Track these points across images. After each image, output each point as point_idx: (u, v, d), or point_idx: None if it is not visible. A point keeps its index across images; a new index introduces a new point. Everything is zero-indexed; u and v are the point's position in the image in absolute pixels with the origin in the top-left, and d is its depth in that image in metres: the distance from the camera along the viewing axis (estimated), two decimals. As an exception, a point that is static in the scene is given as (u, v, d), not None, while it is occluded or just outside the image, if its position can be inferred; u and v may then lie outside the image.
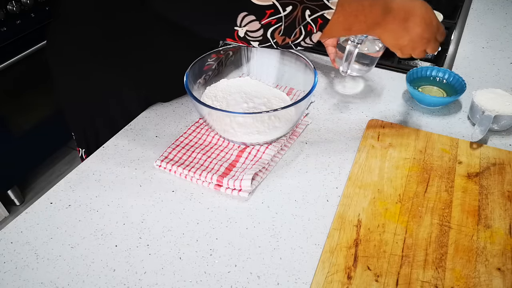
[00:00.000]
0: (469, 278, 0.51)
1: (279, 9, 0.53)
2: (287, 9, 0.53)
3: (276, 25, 0.54)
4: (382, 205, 0.60)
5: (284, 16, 0.53)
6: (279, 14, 0.53)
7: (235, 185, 0.61)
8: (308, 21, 0.54)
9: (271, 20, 0.54)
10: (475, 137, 0.68)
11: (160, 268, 0.53)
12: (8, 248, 0.56)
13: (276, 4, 0.52)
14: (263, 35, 0.55)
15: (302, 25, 0.54)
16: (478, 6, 1.16)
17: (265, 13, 0.53)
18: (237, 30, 0.55)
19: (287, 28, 0.55)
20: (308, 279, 0.51)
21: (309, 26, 0.55)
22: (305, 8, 0.53)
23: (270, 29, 0.54)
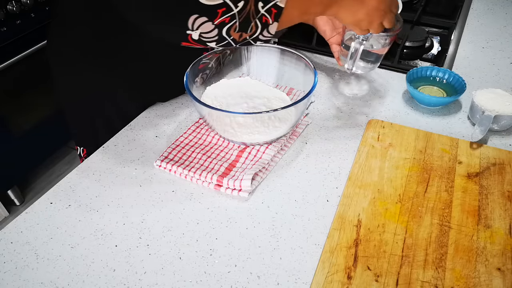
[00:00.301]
0: (469, 278, 0.51)
1: (231, 6, 0.51)
2: (239, 4, 0.52)
3: (230, 23, 0.53)
4: (382, 205, 0.60)
5: (237, 13, 0.52)
6: (232, 11, 0.52)
7: (235, 185, 0.61)
8: (262, 13, 0.53)
9: (224, 19, 0.53)
10: (475, 137, 0.68)
11: (160, 268, 0.53)
12: (8, 248, 0.56)
13: (227, 2, 0.51)
14: (219, 35, 0.54)
15: (257, 18, 0.54)
16: (478, 6, 1.16)
17: (217, 13, 0.52)
18: (191, 34, 0.54)
19: (242, 24, 0.54)
20: (308, 279, 0.51)
21: (264, 18, 0.54)
22: (257, 0, 0.52)
23: (224, 27, 0.54)
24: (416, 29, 1.01)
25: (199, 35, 0.54)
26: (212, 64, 0.75)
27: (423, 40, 0.98)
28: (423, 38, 0.98)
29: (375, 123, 0.74)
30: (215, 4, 0.51)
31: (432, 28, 1.06)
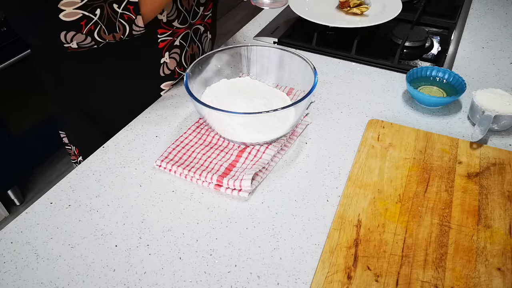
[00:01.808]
0: (469, 278, 0.51)
1: (90, 16, 0.58)
2: (97, 12, 0.58)
3: (97, 28, 0.59)
4: (382, 205, 0.60)
5: (98, 19, 0.58)
6: (93, 20, 0.58)
7: (235, 185, 0.61)
8: (121, 12, 0.58)
9: (90, 27, 0.59)
10: (475, 137, 0.68)
11: (160, 268, 0.53)
12: (8, 248, 0.56)
13: (85, 14, 0.58)
14: (93, 39, 0.60)
15: (118, 19, 0.59)
16: (478, 6, 1.16)
17: (81, 25, 0.58)
18: (69, 45, 0.60)
19: (108, 26, 0.60)
20: (308, 279, 0.51)
21: (125, 15, 0.60)
22: (111, 3, 0.58)
23: (94, 33, 0.59)
24: (416, 29, 1.01)
25: (77, 44, 0.60)
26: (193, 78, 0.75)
27: (423, 40, 0.98)
28: (423, 38, 0.98)
29: (375, 123, 0.74)
30: (76, 19, 0.57)
31: (432, 28, 1.06)
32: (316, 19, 0.96)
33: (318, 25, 0.96)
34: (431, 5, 1.15)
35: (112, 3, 0.58)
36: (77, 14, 0.57)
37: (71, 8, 0.57)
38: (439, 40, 1.01)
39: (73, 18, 0.57)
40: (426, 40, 0.98)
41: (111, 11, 0.59)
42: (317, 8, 1.03)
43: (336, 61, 0.93)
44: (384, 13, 0.99)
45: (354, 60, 0.93)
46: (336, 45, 0.97)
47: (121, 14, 0.59)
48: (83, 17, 0.58)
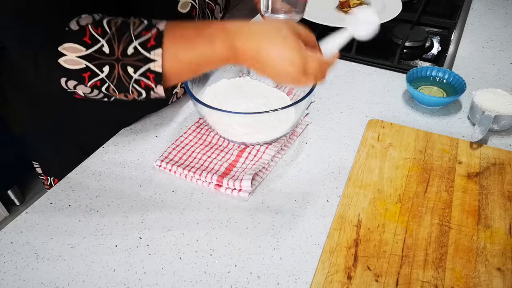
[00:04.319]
0: (469, 278, 0.51)
1: (96, 71, 0.47)
2: (104, 69, 0.47)
3: (104, 85, 0.49)
4: (382, 205, 0.60)
5: (106, 78, 0.48)
6: (99, 76, 0.48)
7: (235, 185, 0.61)
8: (137, 79, 0.48)
9: (95, 82, 0.48)
10: (475, 137, 0.68)
11: (160, 268, 0.53)
12: (8, 248, 0.56)
13: (90, 67, 0.47)
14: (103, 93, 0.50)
15: (132, 83, 0.48)
16: (478, 6, 1.16)
17: (84, 77, 0.48)
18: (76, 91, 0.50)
19: (118, 87, 0.49)
20: (308, 279, 0.51)
21: (142, 82, 0.48)
22: (125, 65, 0.47)
23: (102, 88, 0.49)
24: (416, 29, 1.01)
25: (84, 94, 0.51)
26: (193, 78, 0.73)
27: (423, 40, 0.98)
28: (423, 38, 0.98)
29: (375, 123, 0.74)
30: (78, 69, 0.47)
31: (432, 28, 1.06)
32: (316, 19, 0.96)
33: (318, 25, 0.96)
34: (431, 5, 1.15)
35: (127, 65, 0.47)
36: (80, 64, 0.47)
37: (74, 55, 0.47)
38: (439, 40, 1.01)
39: (75, 67, 0.47)
40: (426, 40, 0.98)
41: (124, 74, 0.48)
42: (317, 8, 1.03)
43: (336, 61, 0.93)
44: (384, 13, 0.99)
45: (354, 60, 0.93)
46: (336, 45, 0.96)
47: (136, 80, 0.48)
48: (87, 69, 0.47)
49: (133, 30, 0.48)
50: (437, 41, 1.01)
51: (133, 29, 0.48)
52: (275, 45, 0.46)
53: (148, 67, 0.47)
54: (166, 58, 0.47)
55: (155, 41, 0.47)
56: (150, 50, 0.47)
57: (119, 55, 0.47)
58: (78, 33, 0.47)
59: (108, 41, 0.47)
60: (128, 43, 0.47)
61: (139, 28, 0.48)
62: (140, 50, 0.47)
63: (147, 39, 0.47)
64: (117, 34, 0.47)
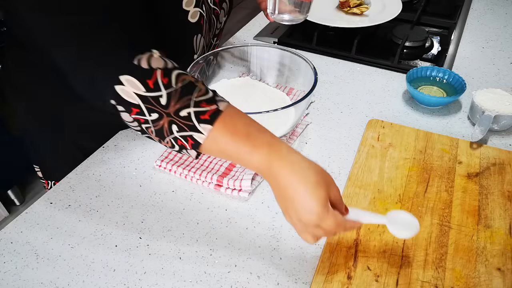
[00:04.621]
0: (469, 278, 0.51)
1: (144, 112, 0.49)
2: (153, 115, 0.48)
3: (146, 124, 0.50)
4: (382, 205, 0.60)
5: (151, 121, 0.49)
6: (145, 117, 0.49)
7: (235, 185, 0.61)
8: (177, 137, 0.49)
9: (139, 118, 0.49)
10: (475, 137, 0.68)
11: (160, 268, 0.53)
12: (8, 248, 0.56)
13: (140, 106, 0.48)
14: (141, 128, 0.51)
15: (171, 137, 0.49)
16: (478, 6, 1.16)
17: (131, 110, 0.49)
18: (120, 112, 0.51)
19: (158, 133, 0.50)
20: (308, 279, 0.51)
21: (179, 141, 0.49)
22: (172, 122, 0.48)
23: (143, 125, 0.50)
24: (416, 29, 1.01)
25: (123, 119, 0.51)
26: (197, 75, 0.73)
27: (423, 40, 0.98)
28: (423, 38, 0.97)
29: (375, 123, 0.74)
30: (130, 102, 0.48)
31: (432, 28, 1.06)
32: (316, 19, 0.96)
33: (318, 25, 0.96)
34: (431, 5, 1.15)
35: (173, 123, 0.48)
36: (133, 99, 0.48)
37: (132, 89, 0.47)
38: (439, 40, 1.01)
39: (127, 99, 0.48)
40: (426, 40, 0.98)
41: (167, 127, 0.49)
42: (317, 8, 1.03)
43: (336, 61, 0.93)
44: (384, 13, 0.99)
45: (354, 60, 0.93)
46: (336, 45, 0.97)
47: (175, 137, 0.49)
48: (137, 106, 0.48)
49: (196, 96, 0.48)
50: (437, 41, 1.01)
51: (196, 96, 0.48)
52: (305, 188, 0.46)
53: (192, 134, 0.48)
54: (209, 137, 0.48)
55: (209, 117, 0.48)
56: (201, 123, 0.48)
57: (171, 112, 0.48)
58: (145, 73, 0.48)
59: (168, 95, 0.48)
60: (185, 106, 0.48)
61: (201, 97, 0.48)
62: (192, 118, 0.48)
63: (204, 111, 0.48)
64: (180, 93, 0.48)
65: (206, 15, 0.68)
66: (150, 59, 0.49)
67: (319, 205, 0.45)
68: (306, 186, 0.46)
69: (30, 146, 0.80)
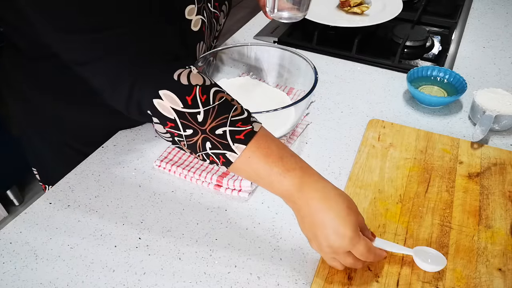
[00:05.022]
0: (470, 279, 0.50)
1: (179, 127, 0.49)
2: (188, 131, 0.49)
3: (179, 138, 0.50)
4: (383, 205, 0.59)
5: (184, 136, 0.50)
6: (179, 131, 0.50)
7: (235, 185, 0.61)
8: (209, 153, 0.50)
9: (173, 131, 0.50)
10: (476, 137, 0.68)
11: (159, 268, 0.53)
12: (7, 249, 0.55)
13: (176, 120, 0.49)
14: (172, 140, 0.52)
15: (203, 153, 0.50)
16: (478, 5, 1.16)
17: (166, 123, 0.50)
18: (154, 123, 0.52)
19: (190, 147, 0.51)
20: (308, 280, 0.51)
21: (211, 157, 0.50)
22: (206, 139, 0.49)
23: (175, 138, 0.51)
24: (417, 28, 1.01)
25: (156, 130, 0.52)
26: None
27: (423, 39, 0.97)
28: (424, 37, 0.97)
29: (376, 123, 0.73)
30: (167, 116, 0.49)
31: (432, 28, 1.06)
32: (317, 18, 0.96)
33: (318, 25, 0.96)
34: (432, 4, 1.15)
35: (207, 140, 0.48)
36: (170, 113, 0.48)
37: (169, 104, 0.48)
38: (440, 40, 1.01)
39: (163, 113, 0.49)
40: (426, 39, 0.98)
41: (200, 143, 0.49)
42: (317, 7, 1.03)
43: (337, 60, 0.93)
44: (384, 13, 0.99)
45: (354, 60, 0.93)
46: (336, 45, 0.96)
47: (208, 153, 0.50)
48: (173, 121, 0.49)
49: (232, 115, 0.49)
50: (438, 40, 1.00)
51: (232, 115, 0.49)
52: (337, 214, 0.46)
53: (225, 153, 0.49)
54: (242, 156, 0.48)
55: (244, 137, 0.48)
56: (235, 142, 0.48)
57: (207, 129, 0.48)
58: (185, 89, 0.48)
59: (206, 112, 0.48)
60: (222, 125, 0.48)
61: (237, 117, 0.49)
62: (227, 136, 0.48)
63: (239, 131, 0.48)
64: (217, 110, 0.49)
65: (207, 20, 0.68)
66: (190, 75, 0.49)
67: (352, 230, 0.46)
68: (339, 212, 0.46)
69: (28, 148, 0.79)
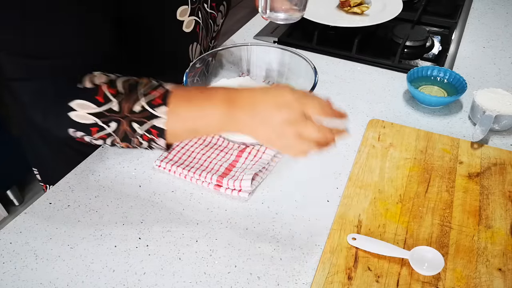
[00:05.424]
0: (470, 279, 0.50)
1: (103, 126, 0.50)
2: (111, 125, 0.50)
3: (110, 138, 0.52)
4: (383, 205, 0.59)
5: (113, 132, 0.51)
6: (105, 131, 0.51)
7: (235, 185, 0.61)
8: (141, 133, 0.50)
9: (102, 136, 0.51)
10: (476, 137, 0.68)
11: (159, 268, 0.53)
12: (8, 249, 0.55)
13: (98, 123, 0.50)
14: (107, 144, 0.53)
15: (137, 136, 0.51)
16: (478, 5, 1.16)
17: (91, 130, 0.51)
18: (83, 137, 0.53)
19: (124, 139, 0.52)
20: (308, 280, 0.51)
21: (145, 136, 0.51)
22: (130, 121, 0.50)
23: (107, 141, 0.52)
24: (417, 28, 1.01)
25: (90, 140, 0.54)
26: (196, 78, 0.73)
27: (423, 39, 0.97)
28: (424, 37, 0.97)
29: (376, 123, 0.73)
30: (87, 123, 0.50)
31: (432, 28, 1.06)
32: (317, 18, 0.96)
33: (318, 25, 0.96)
34: (432, 4, 1.15)
35: (132, 121, 0.50)
36: (89, 120, 0.50)
37: (85, 111, 0.50)
38: (440, 40, 1.01)
39: (84, 122, 0.50)
40: (426, 39, 0.98)
41: (129, 129, 0.50)
42: (317, 7, 1.03)
43: (337, 60, 0.93)
44: (384, 13, 0.99)
45: (354, 60, 0.93)
46: (336, 45, 0.96)
47: (141, 134, 0.51)
48: (95, 125, 0.50)
49: (141, 89, 0.50)
50: (438, 40, 1.00)
51: (141, 88, 0.50)
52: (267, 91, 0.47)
53: (153, 123, 0.49)
54: (169, 117, 0.49)
55: (161, 100, 0.49)
56: (156, 108, 0.49)
57: (126, 112, 0.50)
58: (92, 92, 0.50)
59: (119, 101, 0.50)
60: (136, 101, 0.50)
61: (147, 88, 0.50)
62: (146, 108, 0.49)
63: (154, 97, 0.49)
64: (127, 93, 0.50)
65: (202, 21, 0.68)
66: (93, 78, 0.51)
67: (288, 92, 0.46)
68: (268, 90, 0.48)
69: (28, 147, 0.79)
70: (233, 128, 0.50)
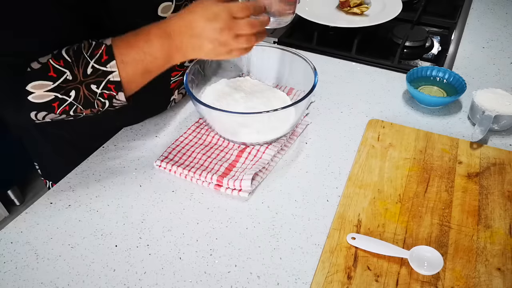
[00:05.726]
0: (469, 278, 0.51)
1: (64, 98, 0.53)
2: (71, 94, 0.53)
3: (72, 108, 0.54)
4: (382, 205, 0.59)
5: (73, 100, 0.53)
6: (67, 102, 0.53)
7: (235, 185, 0.61)
8: (100, 92, 0.54)
9: (64, 108, 0.54)
10: (475, 137, 0.68)
11: (160, 268, 0.53)
12: (8, 248, 0.56)
13: (58, 96, 0.52)
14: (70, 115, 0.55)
15: (97, 97, 0.54)
16: (478, 5, 1.16)
17: (53, 107, 0.53)
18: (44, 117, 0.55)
19: (86, 105, 0.54)
20: (308, 279, 0.51)
21: (105, 94, 0.54)
22: (88, 84, 0.53)
23: (70, 111, 0.55)
24: (417, 29, 1.01)
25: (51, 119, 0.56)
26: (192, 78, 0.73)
27: (423, 40, 0.97)
28: (423, 38, 0.97)
29: (375, 123, 0.74)
30: (47, 101, 0.52)
31: (432, 28, 1.06)
32: (316, 19, 0.96)
33: (318, 25, 0.96)
34: (431, 5, 1.15)
35: (90, 84, 0.53)
36: (49, 96, 0.52)
37: (42, 90, 0.52)
38: (439, 40, 1.01)
39: (44, 100, 0.52)
40: (426, 40, 0.98)
41: (89, 92, 0.53)
42: (317, 8, 1.03)
43: (336, 61, 0.93)
44: (384, 13, 0.99)
45: (354, 60, 0.93)
46: (336, 45, 0.97)
47: (100, 93, 0.54)
48: (56, 99, 0.52)
49: (86, 52, 0.53)
50: (437, 41, 1.01)
51: (86, 51, 0.53)
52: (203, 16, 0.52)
53: (108, 78, 0.53)
54: (119, 67, 0.53)
55: (107, 55, 0.52)
56: (106, 65, 0.53)
57: (81, 78, 0.52)
58: (42, 70, 0.52)
59: (70, 69, 0.52)
60: (86, 64, 0.52)
61: (90, 50, 0.53)
62: (97, 67, 0.53)
63: (100, 55, 0.53)
64: (75, 60, 0.52)
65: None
66: (38, 59, 0.52)
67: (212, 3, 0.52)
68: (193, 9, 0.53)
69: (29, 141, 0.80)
70: (178, 55, 0.54)
